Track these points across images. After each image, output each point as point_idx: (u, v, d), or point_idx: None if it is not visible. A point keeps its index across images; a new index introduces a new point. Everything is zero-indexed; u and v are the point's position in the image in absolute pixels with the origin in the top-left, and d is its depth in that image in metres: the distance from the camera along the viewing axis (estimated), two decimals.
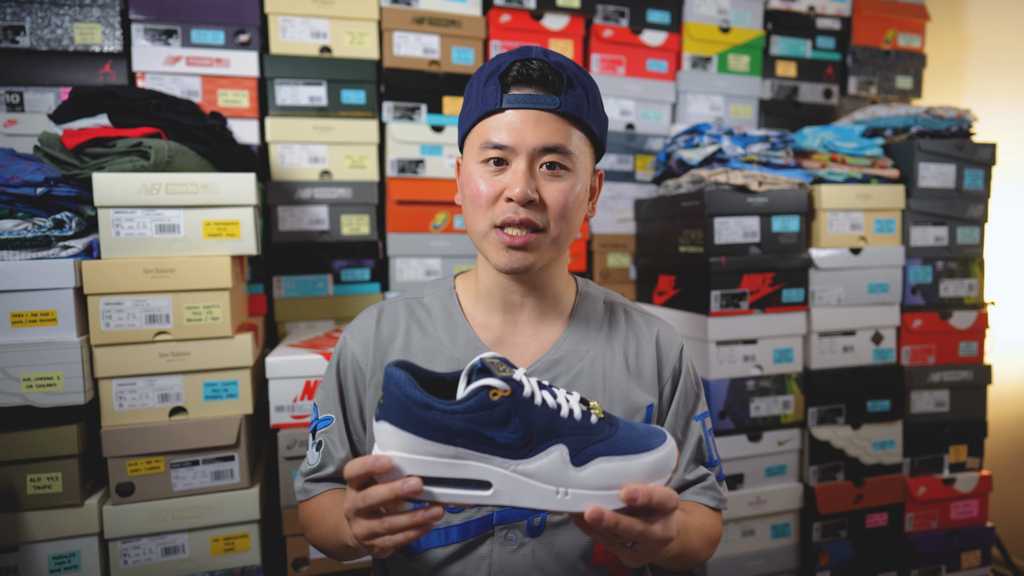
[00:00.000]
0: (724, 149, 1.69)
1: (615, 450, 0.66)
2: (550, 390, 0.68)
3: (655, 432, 0.68)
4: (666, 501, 0.65)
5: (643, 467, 0.66)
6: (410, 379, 0.64)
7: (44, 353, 1.12)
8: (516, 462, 0.64)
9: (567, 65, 0.83)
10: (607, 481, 0.65)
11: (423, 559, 0.87)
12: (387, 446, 0.64)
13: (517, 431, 0.64)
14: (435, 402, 0.63)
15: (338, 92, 1.71)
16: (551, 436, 0.65)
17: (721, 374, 1.65)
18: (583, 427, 0.66)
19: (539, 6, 1.85)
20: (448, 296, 0.94)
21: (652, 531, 0.66)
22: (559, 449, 0.64)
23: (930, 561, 1.81)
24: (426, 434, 0.63)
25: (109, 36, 1.55)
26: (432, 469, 0.63)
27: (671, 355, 0.94)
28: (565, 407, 0.66)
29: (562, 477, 0.64)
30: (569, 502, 0.64)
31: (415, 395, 0.63)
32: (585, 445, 0.65)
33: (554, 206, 0.82)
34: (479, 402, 0.63)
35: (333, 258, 1.75)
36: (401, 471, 0.63)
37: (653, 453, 0.66)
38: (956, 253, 1.81)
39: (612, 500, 0.65)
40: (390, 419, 0.64)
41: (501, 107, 0.81)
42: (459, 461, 0.64)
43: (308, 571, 1.38)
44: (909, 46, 2.21)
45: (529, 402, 0.65)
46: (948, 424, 1.83)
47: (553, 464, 0.64)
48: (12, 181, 1.16)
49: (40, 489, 1.16)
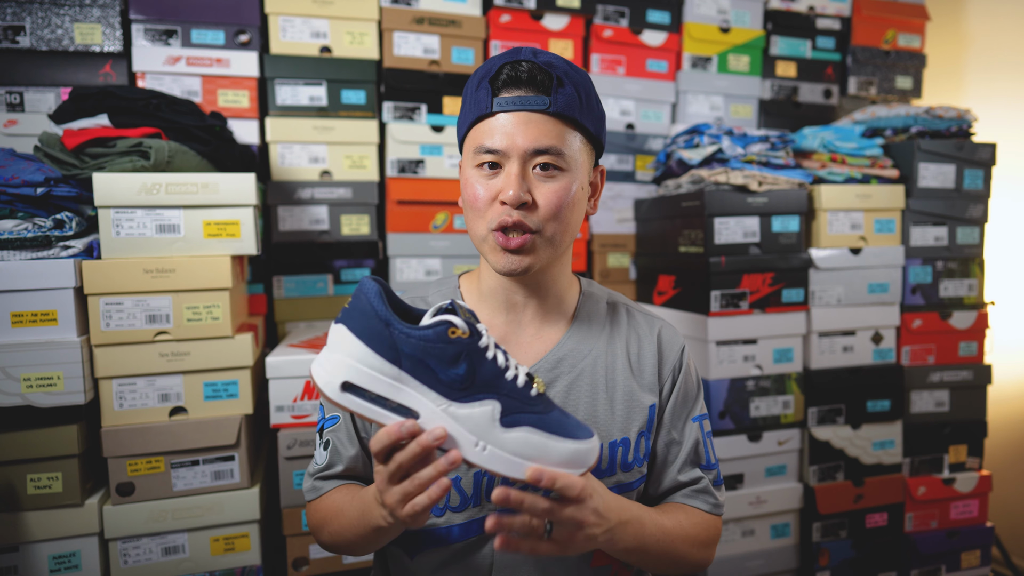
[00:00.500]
0: (724, 149, 1.70)
1: (543, 425, 0.68)
2: (504, 353, 0.70)
3: (584, 428, 0.71)
4: (568, 487, 0.68)
5: (562, 451, 0.68)
6: (380, 293, 0.66)
7: (44, 353, 1.12)
8: (450, 403, 0.67)
9: (557, 64, 0.83)
10: (526, 450, 0.67)
11: (424, 558, 0.87)
12: (336, 348, 0.66)
13: (461, 374, 0.66)
14: (396, 320, 0.65)
15: (338, 92, 1.71)
16: (490, 390, 0.67)
17: (721, 374, 1.65)
18: (521, 394, 0.69)
19: (539, 6, 1.85)
20: (452, 295, 0.95)
21: (563, 513, 0.69)
22: (492, 404, 0.67)
23: (930, 561, 1.82)
24: (377, 348, 0.65)
25: (109, 36, 1.55)
26: (371, 383, 0.66)
27: (672, 354, 0.94)
28: (512, 371, 0.69)
29: (486, 432, 0.67)
30: (485, 457, 0.67)
31: (380, 308, 0.65)
32: (517, 410, 0.68)
33: (547, 207, 0.82)
34: (437, 335, 0.65)
35: (333, 258, 1.75)
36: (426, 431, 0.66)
37: (576, 442, 0.69)
38: (956, 253, 1.81)
39: (522, 468, 0.67)
40: (348, 324, 0.66)
41: (492, 111, 0.82)
42: (398, 384, 0.66)
43: (308, 571, 1.38)
44: (909, 46, 2.21)
45: (482, 352, 0.67)
46: (948, 424, 1.83)
47: (483, 416, 0.67)
48: (12, 181, 1.16)
49: (40, 489, 1.16)
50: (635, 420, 0.89)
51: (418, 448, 0.65)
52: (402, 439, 0.65)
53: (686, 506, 0.92)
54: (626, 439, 0.88)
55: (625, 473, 0.88)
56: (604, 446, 0.87)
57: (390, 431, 0.65)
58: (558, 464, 0.68)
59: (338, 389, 0.66)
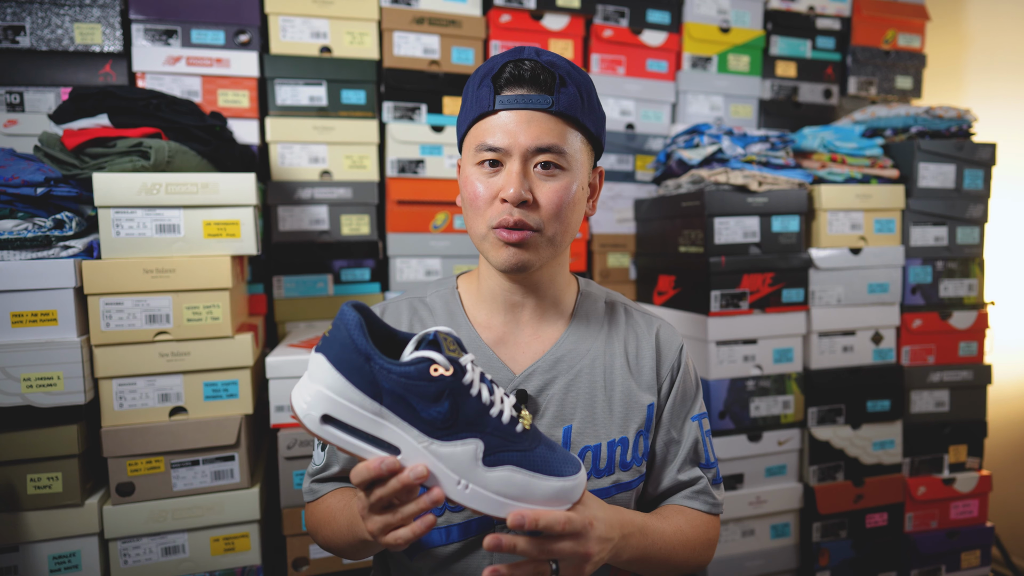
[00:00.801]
0: (724, 149, 1.69)
1: (527, 464, 0.67)
2: (489, 385, 0.68)
3: (571, 461, 0.70)
4: (552, 525, 0.66)
5: (546, 490, 0.67)
6: (361, 324, 0.64)
7: (44, 353, 1.12)
8: (431, 440, 0.65)
9: (560, 64, 0.83)
10: (509, 490, 0.66)
11: (425, 558, 0.87)
12: (316, 379, 0.65)
13: (444, 412, 0.64)
14: (376, 355, 0.63)
15: (338, 92, 1.71)
16: (473, 429, 0.66)
17: (721, 374, 1.65)
18: (506, 431, 0.67)
19: (539, 6, 1.85)
20: (451, 295, 0.94)
21: (559, 549, 0.68)
22: (475, 444, 0.66)
23: (930, 561, 1.82)
24: (357, 382, 0.63)
25: (109, 36, 1.55)
26: (351, 417, 0.64)
27: (670, 353, 0.94)
28: (497, 407, 0.67)
29: (469, 471, 0.65)
30: (467, 496, 0.66)
31: (359, 341, 0.63)
32: (501, 449, 0.66)
33: (548, 206, 0.82)
34: (418, 372, 0.63)
35: (333, 258, 1.75)
36: (407, 466, 0.64)
37: (560, 480, 0.68)
38: (956, 253, 1.81)
39: (506, 508, 0.66)
40: (328, 355, 0.64)
41: (494, 109, 0.82)
42: (378, 419, 0.64)
43: (308, 571, 1.38)
44: (909, 46, 2.21)
45: (466, 389, 0.65)
46: (948, 424, 1.83)
47: (465, 456, 0.65)
48: (12, 181, 1.16)
49: (40, 489, 1.16)
50: (633, 419, 0.89)
51: (398, 485, 0.64)
52: (382, 475, 0.64)
53: (686, 509, 0.92)
54: (624, 438, 0.88)
55: (624, 472, 0.88)
56: (602, 445, 0.87)
57: (369, 467, 0.64)
58: (542, 502, 0.67)
59: (318, 422, 0.64)
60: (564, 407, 0.87)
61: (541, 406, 0.87)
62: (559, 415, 0.87)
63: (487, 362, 0.88)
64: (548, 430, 0.86)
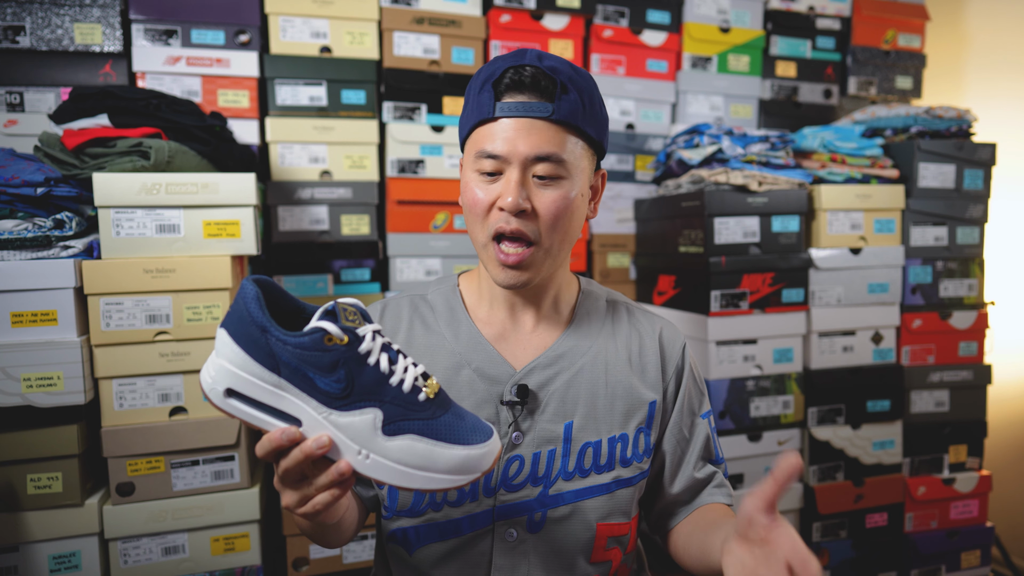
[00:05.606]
0: (724, 149, 1.69)
1: (429, 432, 0.66)
2: (392, 354, 0.68)
3: (481, 429, 0.68)
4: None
5: (450, 458, 0.66)
6: (258, 297, 0.63)
7: (44, 353, 1.12)
8: (330, 411, 0.65)
9: (562, 69, 0.82)
10: (410, 459, 0.65)
11: (424, 554, 0.87)
12: (220, 354, 0.65)
13: (339, 382, 0.64)
14: (272, 327, 0.63)
15: (338, 92, 1.71)
16: (371, 398, 0.65)
17: (721, 374, 1.65)
18: (407, 400, 0.66)
19: (539, 6, 1.85)
20: (452, 293, 0.95)
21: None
22: (373, 413, 0.65)
23: (930, 561, 1.82)
24: (255, 355, 0.63)
25: (109, 36, 1.55)
26: (251, 390, 0.64)
27: (674, 353, 0.95)
28: (398, 376, 0.66)
29: (368, 440, 0.65)
30: (369, 466, 0.65)
31: (256, 314, 0.63)
32: (401, 418, 0.66)
33: (546, 215, 0.82)
34: (312, 342, 0.63)
35: (333, 258, 1.75)
36: (307, 437, 0.64)
37: (466, 448, 0.66)
38: (956, 253, 1.81)
39: (409, 477, 0.65)
40: (229, 329, 0.64)
41: (494, 115, 0.81)
42: (278, 391, 0.64)
43: (308, 571, 1.38)
44: (909, 46, 2.21)
45: (362, 358, 0.65)
46: (948, 424, 1.83)
47: (364, 425, 0.65)
48: (12, 181, 1.16)
49: (40, 489, 1.16)
50: (634, 416, 0.90)
51: (301, 455, 0.63)
52: (283, 446, 0.63)
53: (721, 505, 0.93)
54: (624, 435, 0.89)
55: (624, 468, 0.89)
56: (603, 442, 0.88)
57: (272, 438, 0.63)
58: (446, 471, 0.66)
59: (222, 395, 0.64)
60: (565, 403, 0.88)
61: (542, 402, 0.87)
62: (560, 411, 0.87)
63: (488, 358, 0.88)
64: (549, 426, 0.87)
